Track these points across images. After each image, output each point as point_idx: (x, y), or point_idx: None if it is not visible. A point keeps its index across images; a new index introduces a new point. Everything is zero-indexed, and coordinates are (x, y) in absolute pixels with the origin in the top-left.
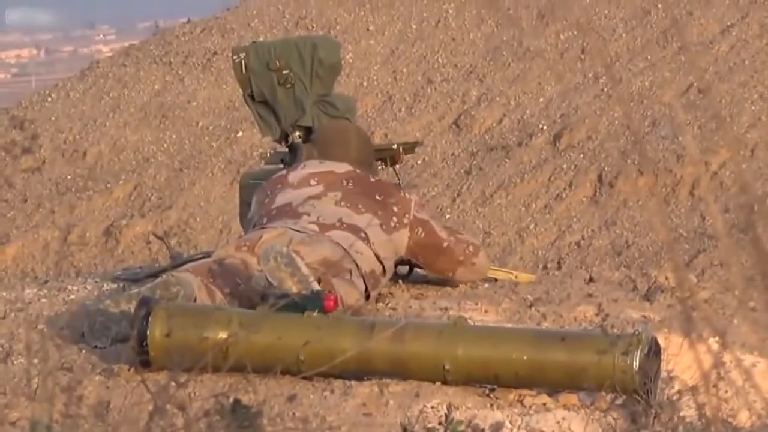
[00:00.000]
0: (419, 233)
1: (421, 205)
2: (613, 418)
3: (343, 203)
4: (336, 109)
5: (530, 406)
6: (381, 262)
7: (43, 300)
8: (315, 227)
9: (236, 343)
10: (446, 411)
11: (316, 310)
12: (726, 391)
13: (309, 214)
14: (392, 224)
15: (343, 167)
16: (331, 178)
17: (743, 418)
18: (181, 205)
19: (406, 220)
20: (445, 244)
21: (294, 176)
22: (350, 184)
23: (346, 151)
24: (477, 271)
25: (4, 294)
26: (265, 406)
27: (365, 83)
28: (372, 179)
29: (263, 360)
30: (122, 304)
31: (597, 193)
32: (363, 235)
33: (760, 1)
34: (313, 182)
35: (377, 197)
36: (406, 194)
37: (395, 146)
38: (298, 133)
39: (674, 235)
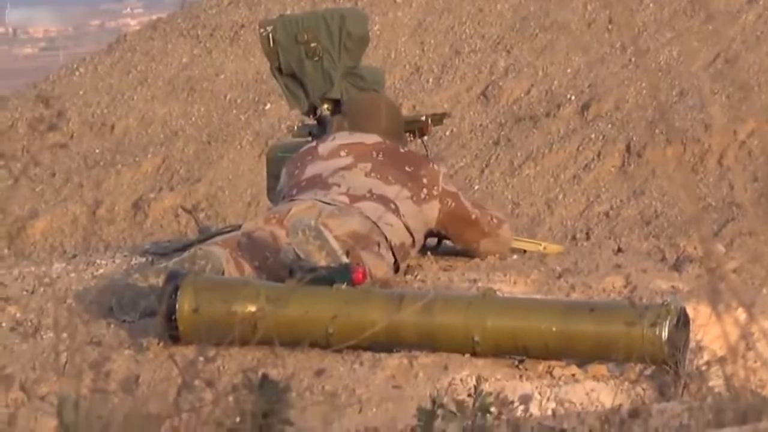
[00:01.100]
0: (449, 204)
1: (448, 176)
2: (642, 389)
3: (372, 174)
4: (364, 81)
5: (559, 377)
6: (411, 234)
7: (72, 275)
8: (345, 198)
9: (264, 317)
10: (475, 383)
11: (345, 283)
12: (755, 362)
13: (339, 185)
14: (422, 196)
15: (372, 138)
16: (361, 150)
17: None
18: (210, 179)
19: (435, 192)
20: (473, 216)
21: (324, 148)
22: (380, 155)
23: (377, 123)
24: (501, 242)
25: (33, 269)
26: (293, 380)
27: (393, 55)
28: (402, 150)
29: (292, 334)
30: (150, 279)
31: (625, 163)
32: (393, 206)
33: None
34: (342, 153)
35: (407, 168)
36: (435, 166)
37: (424, 118)
38: (326, 106)
39: (702, 205)
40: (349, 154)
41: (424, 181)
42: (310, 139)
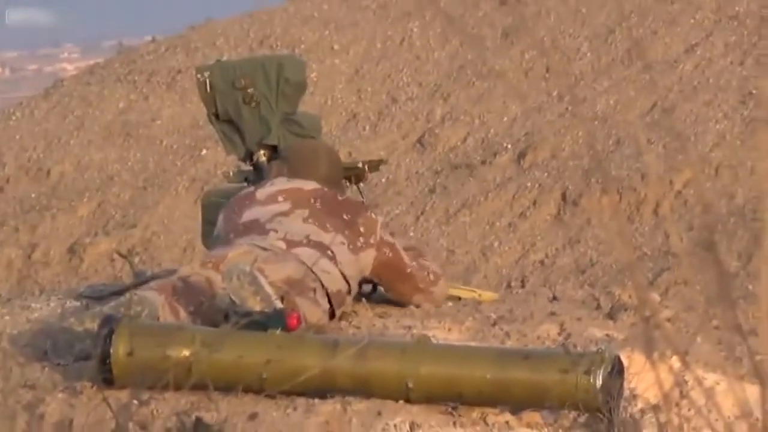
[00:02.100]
0: (387, 254)
1: (384, 225)
2: None
3: (310, 221)
4: (302, 128)
5: (493, 424)
6: (347, 281)
7: (6, 317)
8: (282, 244)
9: (198, 361)
10: (409, 429)
11: (279, 329)
12: (688, 410)
13: (276, 231)
14: (359, 244)
15: (310, 185)
16: (299, 196)
17: None
18: (145, 224)
19: (372, 241)
20: (408, 270)
21: (262, 193)
22: (318, 202)
23: (317, 170)
24: (434, 299)
25: None
26: (226, 424)
27: (330, 102)
28: (340, 198)
29: (226, 378)
30: (86, 322)
31: (561, 212)
32: (330, 253)
33: (725, 21)
34: (280, 199)
35: (344, 216)
36: (373, 215)
37: (361, 164)
38: (263, 152)
39: (638, 254)
40: (286, 200)
41: (361, 229)
42: (245, 185)
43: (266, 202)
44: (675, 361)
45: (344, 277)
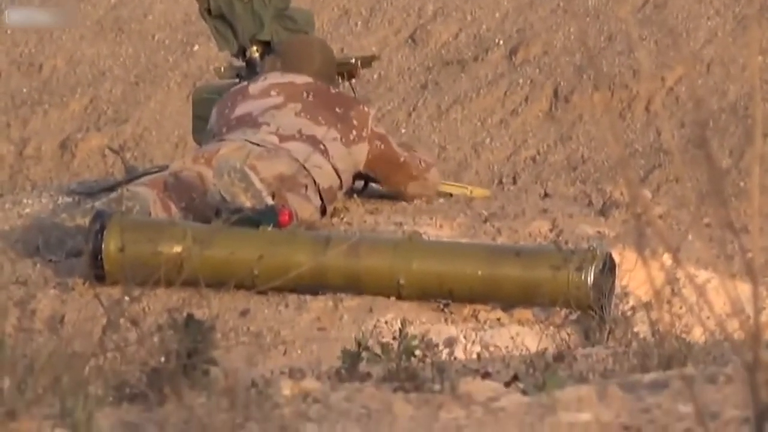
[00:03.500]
0: (379, 147)
1: (377, 119)
2: (567, 334)
3: (303, 114)
4: (295, 23)
5: (484, 321)
6: (339, 176)
7: None
8: (274, 138)
9: (190, 257)
10: (400, 326)
11: (271, 225)
12: (680, 308)
13: (269, 124)
14: (351, 137)
15: (303, 79)
16: (292, 90)
17: (697, 335)
18: (137, 119)
19: (365, 134)
20: (401, 159)
21: (255, 87)
22: (310, 96)
23: (310, 65)
24: (428, 186)
25: None
26: (218, 321)
27: None
28: (332, 92)
29: (217, 274)
30: (77, 218)
31: (553, 108)
32: (322, 147)
33: None
34: (273, 93)
35: (337, 110)
36: (365, 108)
37: (353, 60)
38: (255, 48)
39: (629, 151)
40: (279, 94)
41: (354, 122)
42: (237, 80)
43: (259, 96)
44: (666, 259)
45: (336, 172)
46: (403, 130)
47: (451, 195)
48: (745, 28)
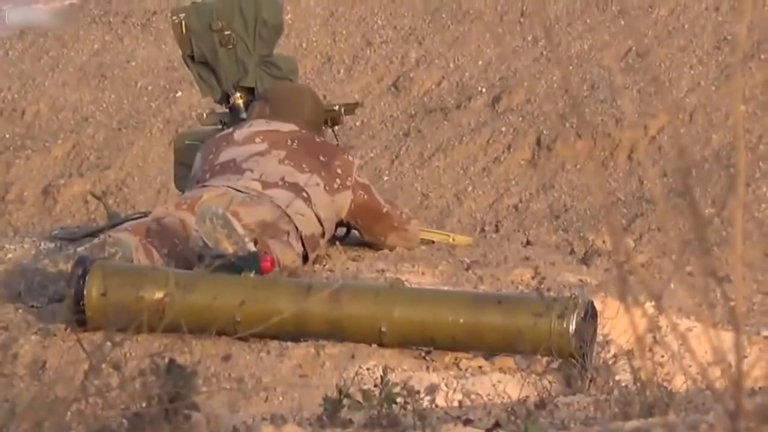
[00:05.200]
0: (362, 196)
1: (360, 168)
2: (549, 382)
3: (286, 162)
4: (279, 70)
5: (466, 369)
6: (321, 224)
7: None
8: (257, 185)
9: (172, 303)
10: (382, 373)
11: (253, 271)
12: (662, 356)
13: (252, 171)
14: (335, 186)
15: (288, 127)
16: (276, 137)
17: (678, 383)
18: (119, 165)
19: (348, 183)
20: (384, 210)
21: (240, 134)
22: (295, 143)
23: (300, 112)
24: (408, 237)
25: None
26: (200, 366)
27: (304, 44)
28: (317, 140)
29: (199, 320)
30: (60, 264)
31: (535, 156)
32: (305, 194)
33: None
34: (258, 140)
35: (321, 158)
36: (349, 157)
37: (337, 107)
38: (239, 94)
39: (612, 199)
40: (264, 141)
41: (338, 171)
42: (220, 127)
43: (244, 142)
44: (649, 307)
45: (319, 219)
46: (385, 178)
47: (433, 242)
48: (728, 77)
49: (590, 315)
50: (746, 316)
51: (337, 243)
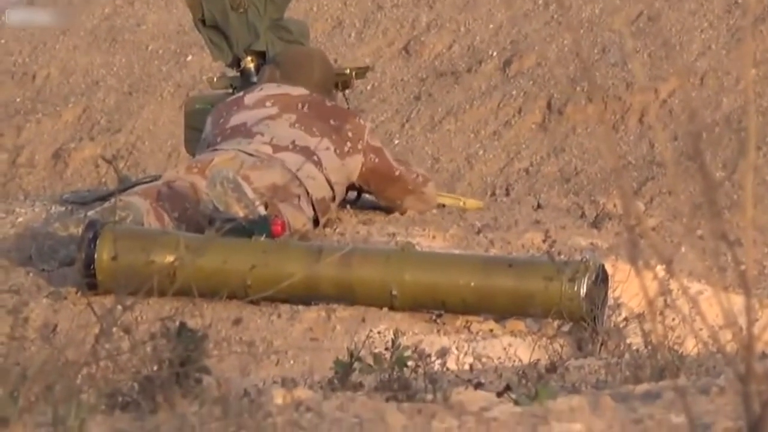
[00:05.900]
0: (373, 160)
1: (373, 132)
2: (560, 345)
3: (297, 125)
4: (290, 34)
5: (477, 332)
6: (332, 188)
7: None
8: (268, 148)
9: (183, 266)
10: (393, 336)
11: (263, 235)
12: (673, 319)
13: (263, 134)
14: (346, 149)
15: (298, 90)
16: (287, 101)
17: (689, 346)
18: (130, 129)
19: (360, 146)
20: (397, 173)
21: (250, 98)
22: (305, 107)
23: (310, 75)
24: (425, 200)
25: None
26: (211, 330)
27: (315, 8)
28: (328, 104)
29: (210, 284)
30: (70, 228)
31: (546, 120)
32: (315, 158)
33: None
34: (268, 104)
35: (332, 122)
36: (361, 120)
37: (348, 71)
38: (250, 58)
39: (623, 163)
40: (274, 105)
41: (349, 134)
42: (230, 91)
43: (254, 106)
44: (660, 270)
45: (329, 183)
46: (396, 142)
47: (444, 206)
48: (739, 41)
49: (601, 278)
50: (757, 280)
51: (348, 206)
